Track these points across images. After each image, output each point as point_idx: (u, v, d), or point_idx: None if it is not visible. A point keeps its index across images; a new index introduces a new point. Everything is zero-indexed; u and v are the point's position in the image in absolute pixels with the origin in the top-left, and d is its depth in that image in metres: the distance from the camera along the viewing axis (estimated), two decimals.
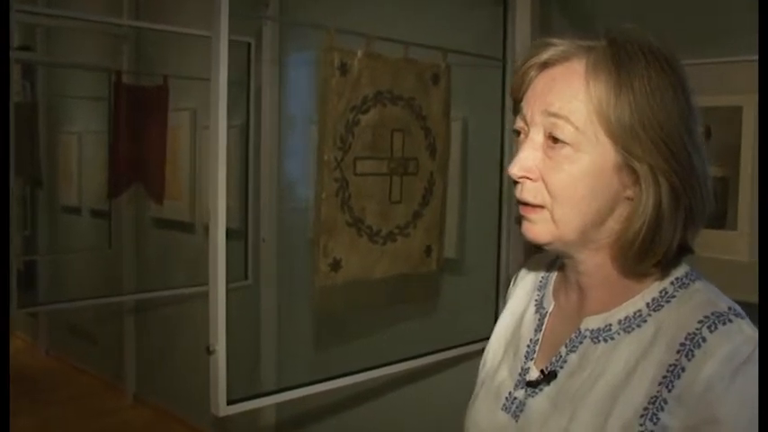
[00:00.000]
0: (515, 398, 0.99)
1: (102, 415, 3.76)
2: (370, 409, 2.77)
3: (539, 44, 0.92)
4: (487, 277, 2.31)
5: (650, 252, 0.88)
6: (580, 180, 0.88)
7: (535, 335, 1.03)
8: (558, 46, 0.90)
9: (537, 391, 0.95)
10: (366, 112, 1.90)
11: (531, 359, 1.00)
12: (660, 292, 0.90)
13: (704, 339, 0.83)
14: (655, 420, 0.83)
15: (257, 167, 3.03)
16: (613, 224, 0.91)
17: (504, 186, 2.24)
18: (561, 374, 0.94)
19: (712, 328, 0.83)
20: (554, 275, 1.08)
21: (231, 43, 2.99)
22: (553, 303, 1.04)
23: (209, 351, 1.66)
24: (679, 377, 0.82)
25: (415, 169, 2.04)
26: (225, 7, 1.58)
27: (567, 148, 0.88)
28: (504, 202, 2.24)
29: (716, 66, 1.81)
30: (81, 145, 3.83)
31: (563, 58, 0.90)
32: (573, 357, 0.94)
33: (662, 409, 0.83)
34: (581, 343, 0.94)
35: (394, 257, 2.02)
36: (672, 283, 0.91)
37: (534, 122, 0.90)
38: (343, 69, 1.83)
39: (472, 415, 1.06)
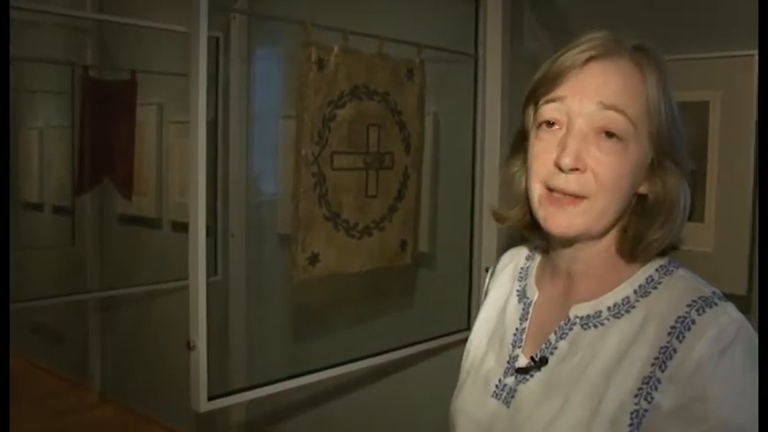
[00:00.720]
0: (506, 384, 1.02)
1: (67, 414, 3.70)
2: (342, 404, 2.78)
3: (581, 40, 0.96)
4: (460, 270, 2.34)
5: (656, 244, 0.94)
6: (627, 173, 0.94)
7: (521, 323, 1.06)
8: (597, 41, 0.95)
9: (528, 377, 0.99)
10: (342, 107, 1.91)
11: (519, 347, 1.04)
12: (647, 279, 0.95)
13: (693, 322, 0.87)
14: (649, 399, 0.87)
15: (226, 163, 3.01)
16: (623, 216, 0.98)
17: (477, 180, 2.27)
18: (552, 360, 0.98)
19: (700, 312, 0.88)
20: (534, 265, 1.12)
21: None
22: (537, 292, 1.08)
23: (189, 347, 1.65)
24: (671, 358, 0.87)
25: (391, 164, 2.06)
26: (204, 2, 1.57)
27: (619, 141, 0.92)
28: (477, 196, 2.27)
29: (684, 62, 1.86)
30: (43, 140, 3.75)
31: (605, 54, 0.94)
32: (563, 344, 0.98)
33: (655, 389, 0.87)
34: (571, 330, 0.98)
35: (370, 251, 2.04)
36: (657, 270, 0.96)
37: (583, 114, 0.93)
38: (320, 64, 1.84)
39: (459, 403, 1.09)
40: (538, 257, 1.13)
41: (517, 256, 1.17)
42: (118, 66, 3.34)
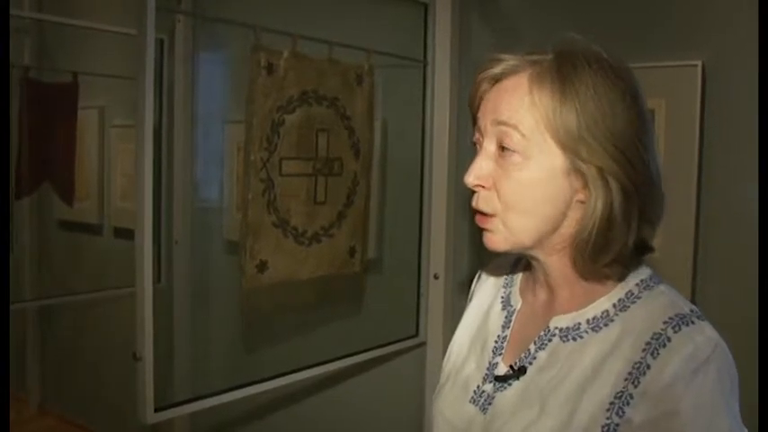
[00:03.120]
0: (483, 391, 1.03)
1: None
2: (290, 414, 2.76)
3: (491, 59, 0.97)
4: (408, 277, 2.34)
5: (604, 252, 0.93)
6: (529, 187, 0.93)
7: (503, 331, 1.07)
8: (509, 61, 0.96)
9: (506, 385, 1.00)
10: (292, 112, 1.89)
11: (500, 354, 1.04)
12: (626, 293, 0.95)
13: (669, 339, 0.87)
14: (620, 414, 0.88)
15: (170, 168, 2.95)
16: (568, 227, 0.96)
17: (425, 187, 2.27)
18: (530, 370, 0.98)
19: (676, 329, 0.88)
20: (519, 275, 1.12)
21: None
22: (521, 301, 1.08)
23: (135, 357, 1.61)
24: (644, 374, 0.87)
25: (340, 170, 2.05)
26: (152, 3, 1.53)
27: (515, 155, 0.93)
28: (425, 203, 2.27)
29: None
30: None
31: (512, 72, 0.95)
32: (542, 354, 0.98)
33: (627, 404, 0.88)
34: (550, 341, 0.98)
35: (319, 258, 2.02)
36: (637, 285, 0.96)
37: (487, 133, 0.96)
38: (270, 69, 1.81)
39: (439, 406, 1.10)
40: (523, 267, 1.13)
41: (504, 264, 1.17)
42: (57, 67, 3.24)
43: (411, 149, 2.31)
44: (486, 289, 1.18)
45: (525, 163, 0.92)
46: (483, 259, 2.18)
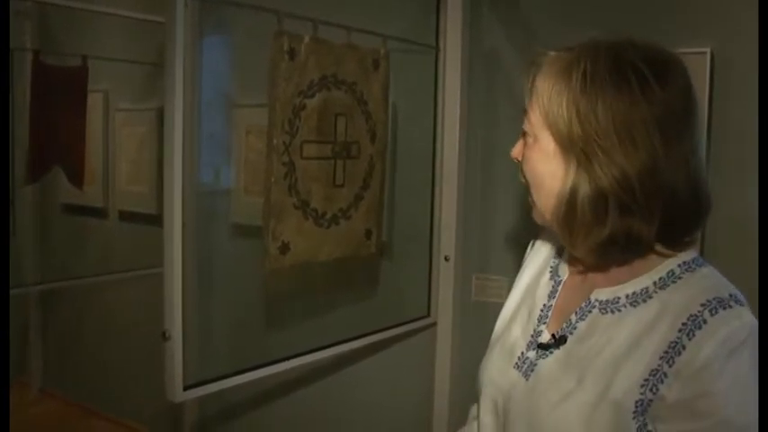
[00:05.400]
0: (527, 358, 1.08)
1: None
2: (301, 395, 2.79)
3: (537, 54, 1.06)
4: (420, 259, 2.38)
5: (574, 235, 0.99)
6: (535, 163, 1.03)
7: (549, 300, 1.13)
8: (545, 56, 1.05)
9: (548, 353, 1.05)
10: (312, 96, 1.91)
11: (544, 323, 1.10)
12: (668, 272, 1.00)
13: (705, 321, 0.91)
14: (654, 390, 0.92)
15: None
16: None
17: (437, 170, 2.31)
18: (570, 340, 1.04)
19: (713, 312, 0.92)
20: None
21: (148, 23, 2.92)
22: (567, 273, 1.14)
23: (164, 337, 1.64)
24: (679, 354, 0.91)
25: (357, 153, 2.08)
26: None
27: (529, 137, 1.05)
28: (437, 186, 2.31)
29: None
30: None
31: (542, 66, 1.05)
32: (582, 325, 1.04)
33: (661, 382, 0.92)
34: (590, 312, 1.04)
35: (337, 240, 2.06)
36: (679, 265, 1.00)
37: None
38: (292, 54, 1.84)
39: (487, 367, 1.16)
40: None
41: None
42: (60, 50, 3.23)
43: (423, 134, 2.34)
44: (539, 257, 1.23)
45: (534, 144, 1.03)
46: (492, 241, 2.24)
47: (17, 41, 3.24)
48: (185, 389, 1.68)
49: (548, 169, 1.00)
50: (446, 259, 2.31)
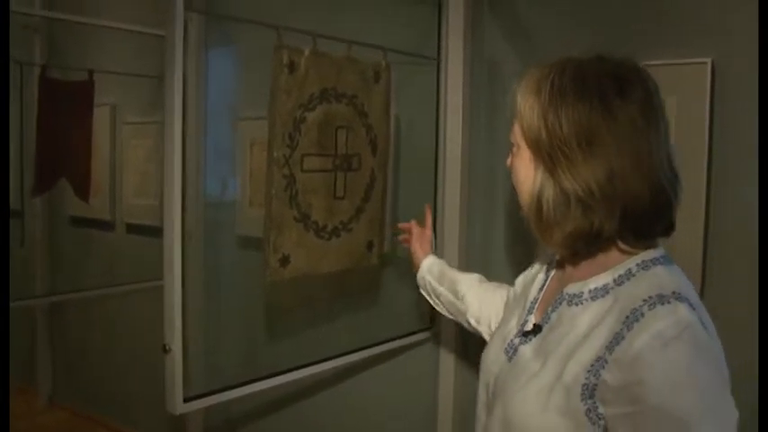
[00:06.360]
0: (513, 343, 1.22)
1: (12, 419, 3.60)
2: (303, 407, 2.79)
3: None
4: None
5: (540, 230, 1.12)
6: (517, 169, 1.16)
7: (538, 293, 1.27)
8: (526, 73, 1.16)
9: (527, 340, 1.19)
10: (312, 109, 1.93)
11: (531, 313, 1.24)
12: (626, 270, 1.10)
13: (643, 315, 1.00)
14: (597, 376, 1.02)
15: (182, 164, 2.98)
16: None
17: (439, 182, 2.31)
18: (545, 329, 1.17)
19: (651, 307, 1.01)
20: None
21: (154, 38, 2.94)
22: (555, 269, 1.28)
23: (165, 350, 1.65)
24: (619, 343, 1.01)
25: (358, 165, 2.09)
26: (180, 4, 1.57)
27: (514, 146, 1.17)
28: (439, 198, 2.31)
29: None
30: None
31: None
32: (554, 315, 1.17)
33: (603, 368, 1.01)
34: (560, 304, 1.17)
35: (338, 252, 2.06)
36: (638, 264, 1.09)
37: None
38: (292, 67, 1.85)
39: (486, 352, 1.31)
40: None
41: None
42: (69, 65, 3.27)
43: (425, 145, 2.35)
44: (544, 256, 1.36)
45: (517, 152, 1.16)
46: (495, 253, 2.23)
47: (26, 56, 3.29)
48: (186, 401, 1.68)
49: (524, 172, 1.14)
50: None
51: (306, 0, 2.57)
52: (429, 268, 1.87)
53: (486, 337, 1.58)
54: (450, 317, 1.82)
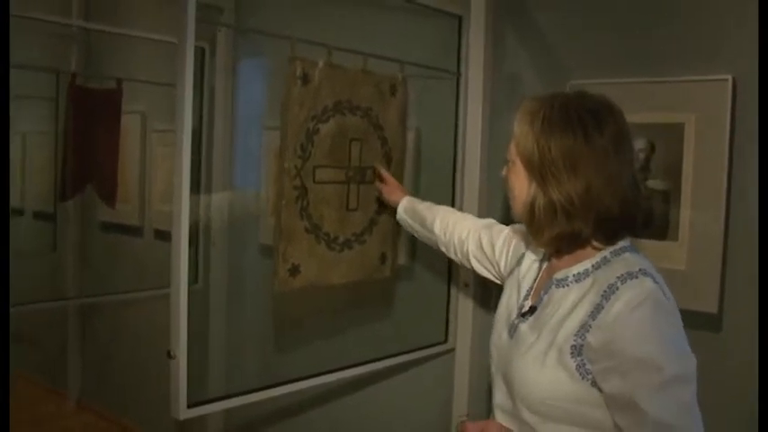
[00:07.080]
0: (514, 323, 1.47)
1: (42, 421, 3.68)
2: (319, 415, 2.80)
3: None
4: (438, 284, 2.37)
5: (532, 231, 1.38)
6: (513, 181, 1.41)
7: (533, 283, 1.51)
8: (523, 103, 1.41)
9: (525, 319, 1.44)
10: (326, 121, 1.94)
11: (527, 297, 1.49)
12: (602, 258, 1.36)
13: (617, 288, 1.28)
14: (583, 338, 1.29)
15: (209, 172, 3.03)
16: None
17: (457, 195, 2.31)
18: (538, 309, 1.42)
19: (623, 282, 1.28)
20: None
21: None
22: (548, 261, 1.50)
23: (169, 356, 1.67)
24: (599, 312, 1.28)
25: (372, 178, 2.09)
26: (192, 14, 1.60)
27: (509, 162, 1.42)
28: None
29: (660, 85, 1.92)
30: (25, 146, 3.74)
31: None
32: (545, 297, 1.42)
33: (587, 331, 1.28)
34: (550, 288, 1.42)
35: (350, 264, 2.07)
36: (611, 252, 1.36)
37: None
38: (305, 79, 1.86)
39: (493, 333, 1.55)
40: None
41: None
42: (102, 74, 3.34)
43: (444, 159, 2.35)
44: (532, 255, 1.59)
45: (512, 167, 1.41)
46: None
47: (64, 64, 3.37)
48: (189, 406, 1.70)
49: (519, 185, 1.39)
50: (465, 285, 2.29)
51: (326, 14, 2.59)
52: (405, 208, 2.05)
53: (476, 267, 1.89)
54: (440, 249, 2.01)
